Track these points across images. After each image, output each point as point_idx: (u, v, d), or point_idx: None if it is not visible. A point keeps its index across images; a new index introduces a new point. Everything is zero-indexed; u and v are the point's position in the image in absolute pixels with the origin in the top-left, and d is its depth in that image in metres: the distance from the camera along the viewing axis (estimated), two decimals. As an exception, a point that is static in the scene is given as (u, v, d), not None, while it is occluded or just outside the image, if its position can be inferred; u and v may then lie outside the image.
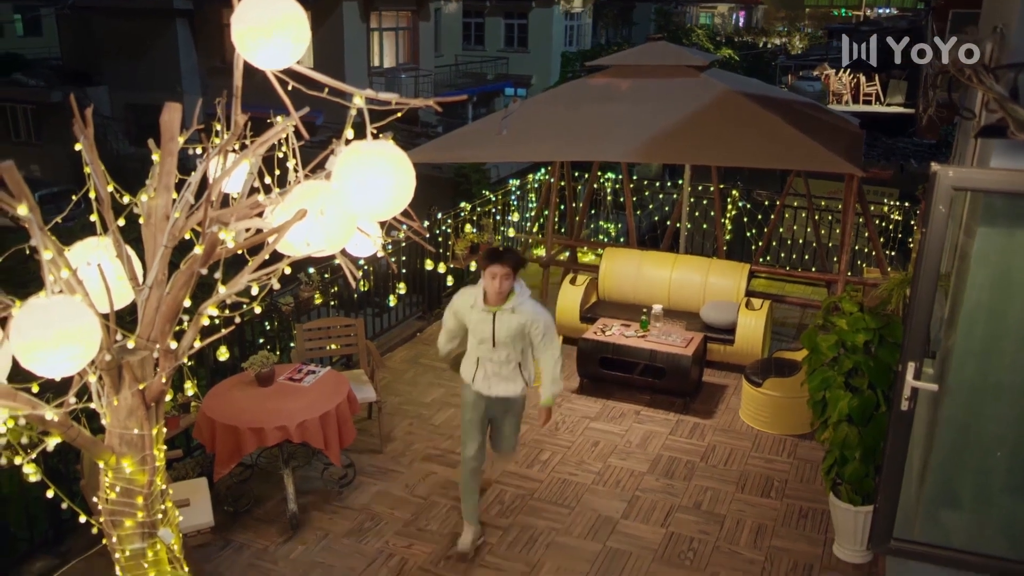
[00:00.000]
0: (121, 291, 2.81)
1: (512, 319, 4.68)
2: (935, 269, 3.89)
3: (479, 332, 4.77)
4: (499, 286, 4.60)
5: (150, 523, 3.13)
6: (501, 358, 4.79)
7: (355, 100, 2.46)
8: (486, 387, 4.86)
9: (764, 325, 7.42)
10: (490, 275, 4.61)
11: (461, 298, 4.84)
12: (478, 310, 4.73)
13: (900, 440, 4.22)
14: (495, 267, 4.59)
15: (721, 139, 6.66)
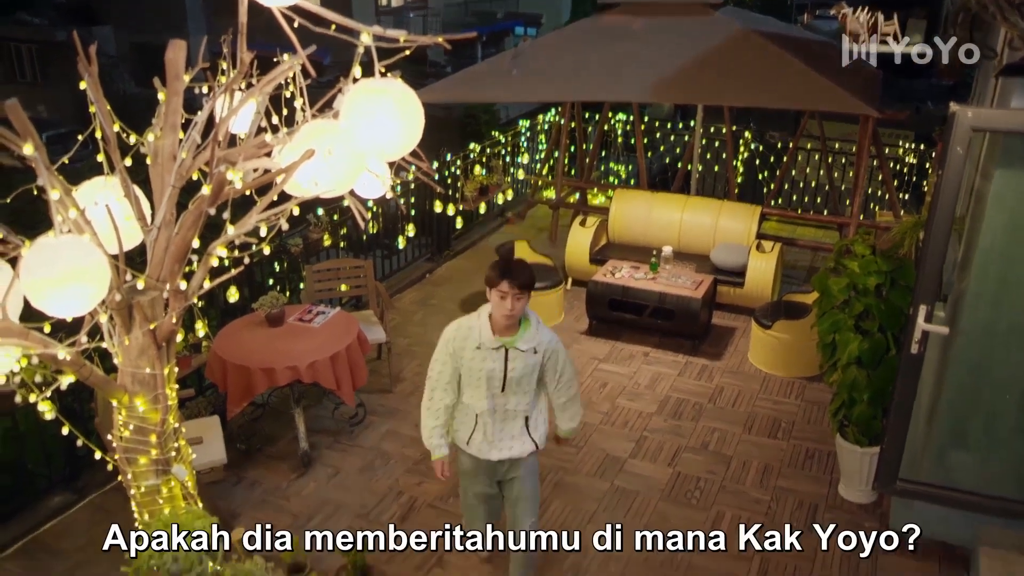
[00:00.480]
0: (130, 232, 2.81)
1: (530, 357, 3.69)
2: (950, 211, 3.85)
3: (483, 376, 3.67)
4: (511, 308, 3.50)
5: (164, 460, 3.18)
6: (510, 408, 3.75)
7: (363, 38, 2.41)
8: (487, 449, 3.84)
9: (774, 268, 7.38)
10: (499, 294, 3.48)
11: (456, 332, 3.69)
12: (486, 347, 3.62)
13: (909, 383, 4.23)
14: (506, 284, 3.45)
15: (735, 79, 6.54)
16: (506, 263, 3.52)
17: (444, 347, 3.72)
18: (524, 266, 3.56)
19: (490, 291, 3.51)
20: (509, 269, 3.47)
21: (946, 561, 4.55)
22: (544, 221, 9.89)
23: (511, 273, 3.45)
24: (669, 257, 7.25)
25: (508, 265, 3.50)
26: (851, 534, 4.75)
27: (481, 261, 8.76)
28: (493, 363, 3.64)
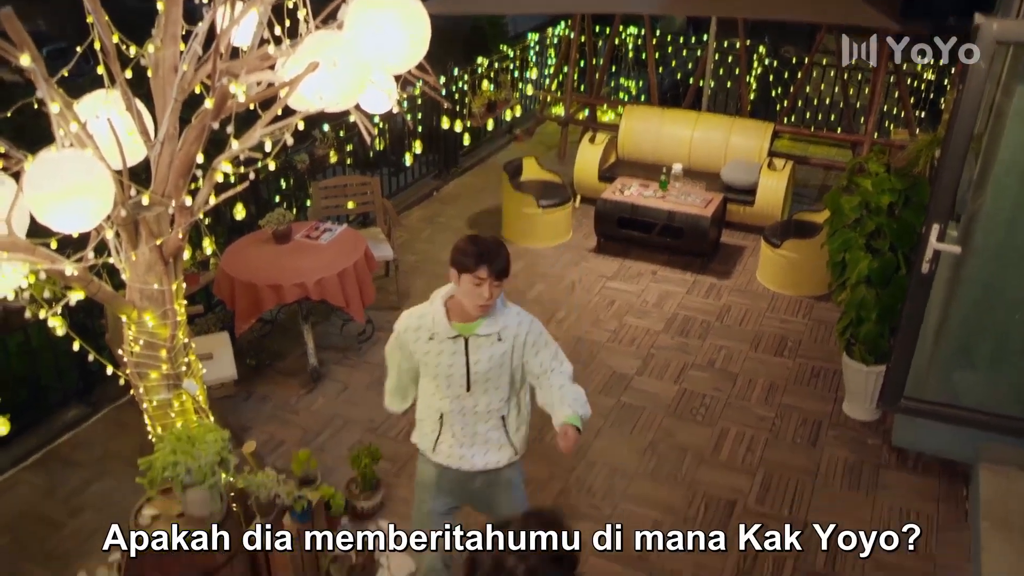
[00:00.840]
0: (132, 146, 2.77)
1: (495, 346, 3.10)
2: (969, 128, 3.77)
3: (442, 371, 3.12)
4: (488, 297, 2.97)
5: (174, 375, 3.21)
6: (479, 409, 3.17)
7: (366, -58, 2.32)
8: (456, 458, 3.26)
9: (785, 186, 7.30)
10: (474, 281, 2.92)
11: (405, 322, 3.16)
12: (440, 338, 3.07)
13: (918, 302, 4.22)
14: (484, 270, 2.91)
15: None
16: (483, 246, 2.94)
17: (394, 340, 3.23)
18: (502, 249, 2.99)
19: (460, 276, 2.94)
20: (488, 253, 2.92)
21: (946, 476, 4.62)
22: (553, 138, 9.76)
23: (490, 258, 2.91)
24: (679, 175, 7.17)
25: (487, 249, 2.93)
26: (854, 451, 4.84)
27: (489, 178, 8.69)
28: (452, 356, 3.07)
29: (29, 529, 4.27)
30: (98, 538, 4.21)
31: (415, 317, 3.13)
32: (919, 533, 4.26)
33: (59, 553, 4.13)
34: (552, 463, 4.71)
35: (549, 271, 6.88)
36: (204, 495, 3.15)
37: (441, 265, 6.99)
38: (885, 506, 4.44)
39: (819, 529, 4.27)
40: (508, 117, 9.68)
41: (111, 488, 4.51)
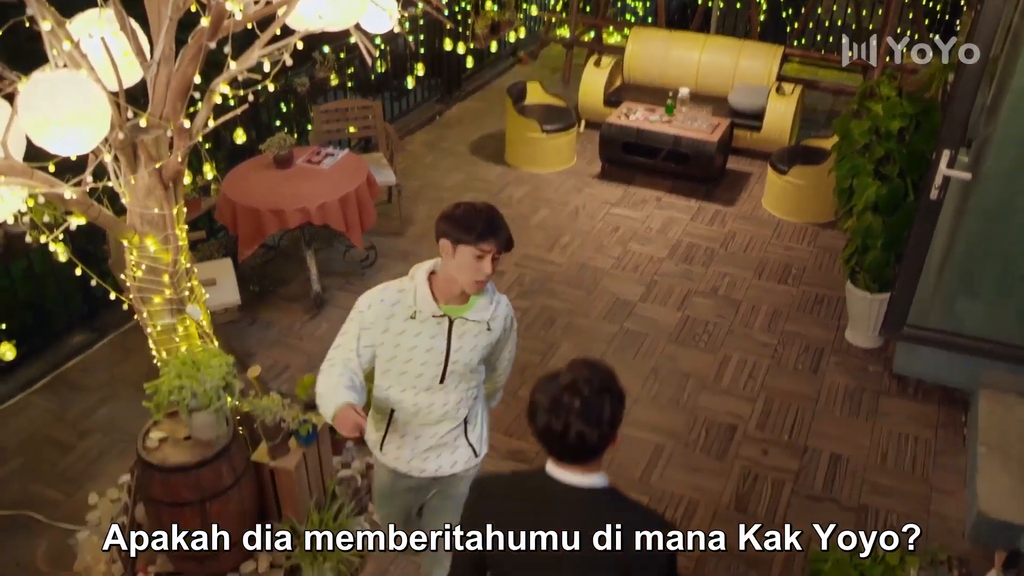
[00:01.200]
0: (128, 68, 2.71)
1: (482, 335, 2.76)
2: (986, 50, 3.67)
3: (414, 357, 2.73)
4: (489, 272, 2.60)
5: (177, 300, 3.22)
6: (448, 405, 2.82)
7: None
8: (406, 460, 2.91)
9: (794, 111, 7.18)
10: (475, 254, 2.55)
11: (379, 295, 2.75)
12: (423, 316, 2.68)
13: (926, 229, 4.19)
14: (491, 242, 2.55)
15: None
16: (488, 214, 2.57)
17: (357, 318, 2.76)
18: (503, 220, 2.62)
19: (456, 248, 2.55)
20: (494, 222, 2.56)
21: (945, 403, 4.66)
22: (557, 61, 9.57)
23: (496, 228, 2.55)
24: (685, 99, 7.04)
25: (492, 217, 2.57)
26: (855, 377, 4.87)
27: (492, 102, 8.55)
28: (432, 339, 2.69)
29: (40, 452, 4.34)
30: (107, 460, 4.28)
31: (392, 291, 2.71)
32: (916, 458, 4.32)
33: (70, 475, 4.20)
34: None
35: (553, 197, 6.83)
36: (210, 419, 3.19)
37: (444, 190, 6.96)
38: (884, 432, 4.49)
39: (818, 454, 4.34)
40: (512, 39, 9.45)
41: (119, 412, 4.57)
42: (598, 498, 1.98)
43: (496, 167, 7.27)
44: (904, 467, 4.27)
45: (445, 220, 2.58)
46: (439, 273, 2.68)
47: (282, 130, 6.26)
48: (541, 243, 6.19)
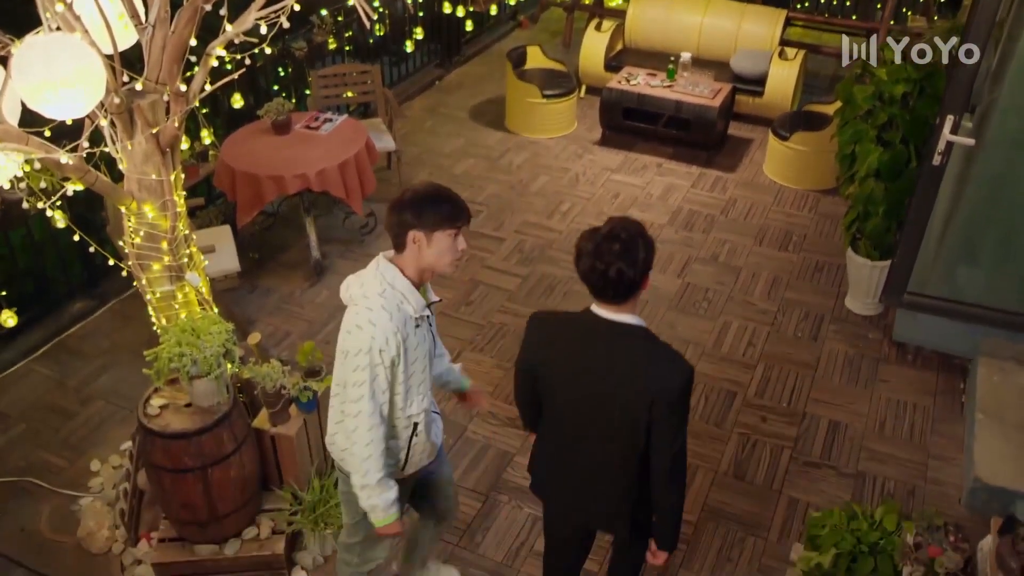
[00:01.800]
0: (122, 31, 2.67)
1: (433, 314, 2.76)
2: (992, 13, 3.62)
3: (424, 356, 2.65)
4: (465, 246, 2.57)
5: (176, 267, 3.21)
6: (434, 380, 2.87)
7: None
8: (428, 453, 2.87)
9: (796, 76, 7.11)
10: (451, 236, 2.50)
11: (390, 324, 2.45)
12: (420, 314, 2.56)
13: (928, 195, 4.17)
14: (462, 219, 2.51)
15: None
16: (450, 194, 2.52)
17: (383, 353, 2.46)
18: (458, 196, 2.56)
19: (431, 236, 2.46)
20: (456, 200, 2.51)
21: (944, 370, 4.67)
22: (558, 24, 9.46)
23: (460, 203, 2.51)
24: (687, 64, 6.97)
25: (451, 196, 2.51)
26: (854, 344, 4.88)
27: (492, 67, 8.47)
28: (426, 331, 2.66)
29: (42, 418, 4.36)
30: (109, 426, 4.30)
31: (394, 311, 2.47)
32: (915, 425, 4.34)
33: (72, 441, 4.22)
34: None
35: (553, 163, 6.78)
36: (210, 386, 3.19)
37: (444, 156, 6.91)
38: (883, 399, 4.50)
39: (816, 420, 4.36)
40: (512, 2, 9.37)
41: (120, 378, 4.58)
42: (634, 332, 2.41)
43: (496, 133, 7.22)
44: (902, 434, 4.29)
45: (411, 213, 2.46)
46: (407, 268, 2.53)
47: (280, 95, 6.21)
48: (541, 210, 6.16)
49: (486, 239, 5.81)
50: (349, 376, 2.49)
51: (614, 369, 2.39)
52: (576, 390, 2.48)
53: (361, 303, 2.48)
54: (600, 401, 2.44)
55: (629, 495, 2.57)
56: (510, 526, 3.80)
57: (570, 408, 2.53)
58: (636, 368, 2.38)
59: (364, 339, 2.43)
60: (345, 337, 2.50)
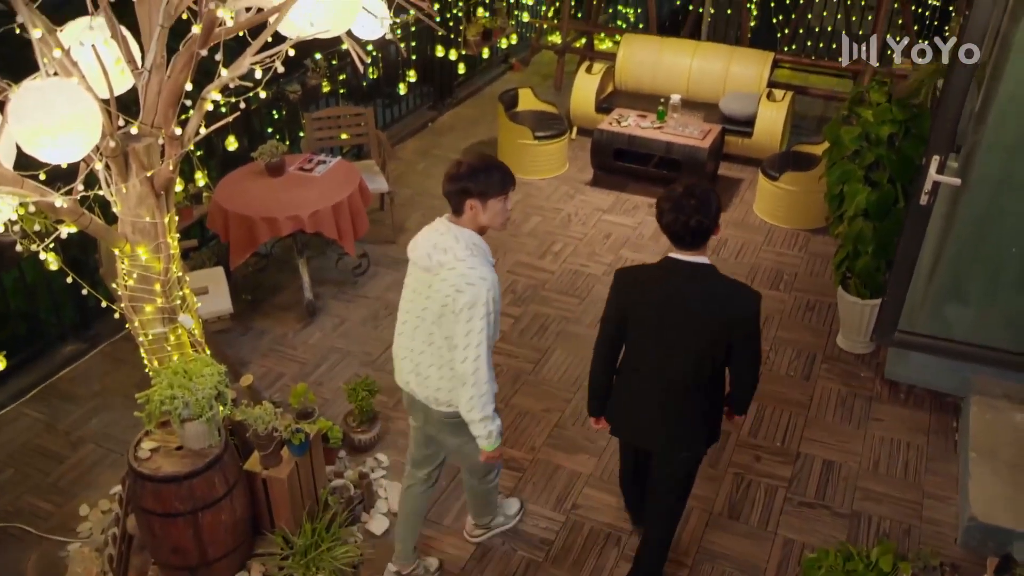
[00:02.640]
0: (119, 75, 2.70)
1: None
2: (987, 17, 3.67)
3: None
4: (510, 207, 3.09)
5: (169, 309, 3.20)
6: None
7: None
8: None
9: (785, 117, 7.21)
10: (503, 200, 2.99)
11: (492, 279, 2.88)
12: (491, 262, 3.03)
13: (915, 234, 4.21)
14: (510, 188, 3.01)
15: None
16: (502, 168, 2.99)
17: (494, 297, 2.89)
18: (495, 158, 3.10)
19: (486, 202, 2.91)
20: (504, 170, 2.99)
21: (936, 408, 4.67)
22: (549, 67, 9.59)
23: (507, 173, 3.00)
24: (677, 105, 7.07)
25: (500, 167, 2.99)
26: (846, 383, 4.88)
27: (484, 109, 8.56)
28: None
29: (31, 462, 4.31)
30: (99, 470, 4.26)
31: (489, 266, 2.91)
32: (909, 464, 4.33)
33: (61, 486, 4.18)
34: (548, 396, 4.75)
35: (545, 204, 6.83)
36: (202, 428, 3.17)
37: (436, 198, 6.94)
38: (876, 438, 4.50)
39: (811, 460, 4.34)
40: (504, 45, 9.47)
41: (110, 422, 4.55)
42: (709, 270, 2.97)
43: (488, 174, 7.26)
44: (896, 473, 4.28)
45: (467, 183, 2.89)
46: (471, 227, 2.96)
47: (274, 137, 6.26)
48: (533, 250, 6.19)
49: (479, 279, 5.82)
50: (462, 327, 2.87)
51: (696, 301, 2.93)
52: (664, 322, 2.99)
53: (459, 265, 2.86)
54: (685, 329, 2.96)
55: (701, 411, 3.16)
56: (504, 568, 3.76)
57: (657, 340, 3.03)
58: (715, 299, 2.93)
59: (480, 293, 2.83)
60: (457, 297, 2.85)
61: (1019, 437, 4.18)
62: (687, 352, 2.99)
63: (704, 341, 2.97)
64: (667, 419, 3.16)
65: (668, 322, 2.99)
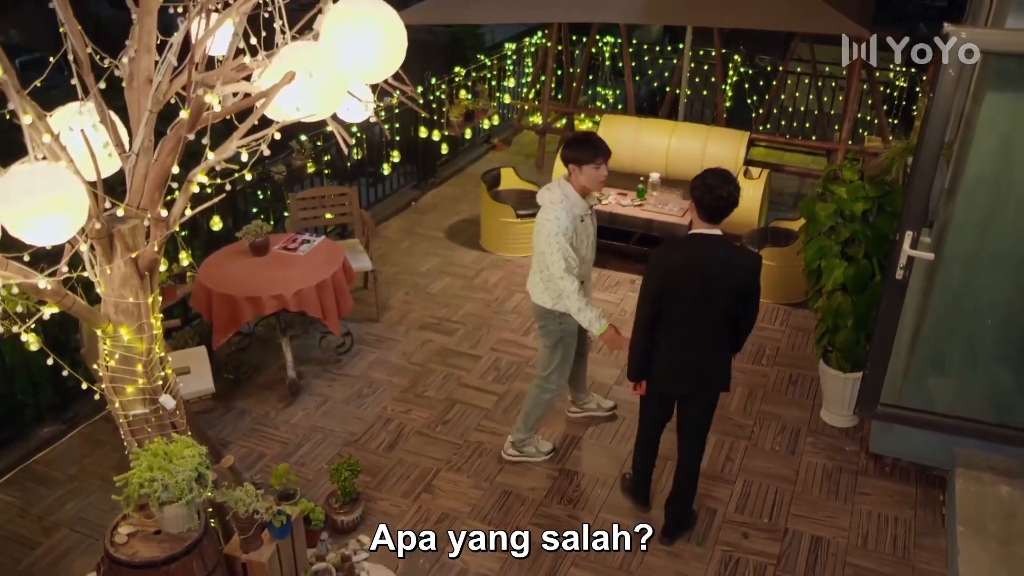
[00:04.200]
0: (107, 159, 2.74)
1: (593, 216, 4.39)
2: (940, 136, 3.82)
3: (589, 240, 4.34)
4: (606, 174, 4.22)
5: (151, 389, 3.18)
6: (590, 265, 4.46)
7: (342, -47, 2.32)
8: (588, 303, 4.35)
9: (762, 194, 7.36)
10: (595, 167, 4.14)
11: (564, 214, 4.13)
12: (585, 214, 4.24)
13: (893, 308, 4.26)
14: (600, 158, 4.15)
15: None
16: (594, 142, 4.16)
17: (565, 233, 4.12)
18: (599, 137, 4.24)
19: (582, 167, 4.13)
20: (599, 145, 4.14)
21: (923, 482, 4.66)
22: (531, 147, 9.78)
23: (601, 147, 4.14)
24: (656, 183, 7.21)
25: (597, 142, 4.15)
26: (832, 457, 4.87)
27: (467, 188, 8.70)
28: (591, 226, 4.32)
29: (2, 549, 4.20)
30: (74, 556, 4.15)
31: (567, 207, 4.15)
32: (897, 539, 4.30)
33: (35, 573, 4.06)
34: (533, 474, 4.71)
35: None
36: (181, 512, 3.11)
37: (420, 276, 7.00)
38: (863, 512, 4.47)
39: (799, 536, 4.30)
40: (486, 126, 9.70)
41: (87, 506, 4.45)
42: (725, 239, 3.75)
43: (472, 252, 7.34)
44: (885, 548, 4.24)
45: (568, 150, 4.21)
46: (574, 185, 4.20)
47: (259, 217, 6.32)
48: (517, 327, 6.21)
49: (463, 357, 5.82)
50: (547, 248, 4.16)
51: (721, 264, 3.72)
52: (699, 286, 3.72)
53: (549, 208, 4.18)
54: (714, 289, 3.73)
55: (726, 355, 3.95)
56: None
57: (691, 302, 3.76)
58: (733, 261, 3.73)
59: (553, 225, 4.12)
60: (540, 229, 4.22)
61: (1006, 510, 4.16)
62: (717, 307, 3.75)
63: (729, 297, 3.73)
64: (707, 365, 3.92)
65: (702, 286, 3.72)
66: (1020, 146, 3.89)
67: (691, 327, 3.82)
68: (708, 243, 3.72)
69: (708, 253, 3.73)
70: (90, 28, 2.73)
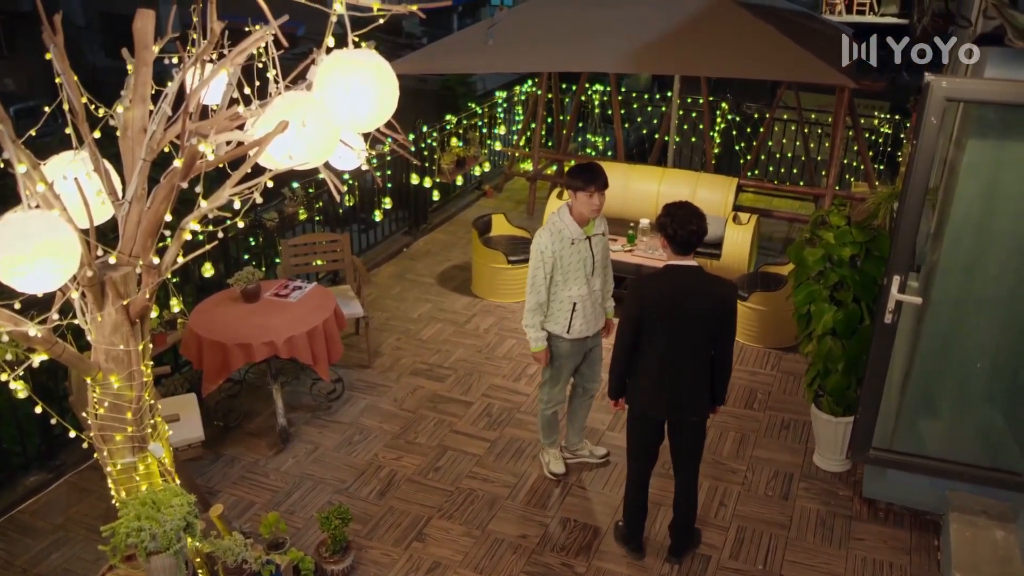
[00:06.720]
0: (100, 207, 2.76)
1: (603, 239, 4.60)
2: (924, 182, 3.88)
3: (580, 264, 4.49)
4: (600, 204, 4.38)
5: (140, 437, 3.16)
6: (595, 290, 4.62)
7: (335, 7, 2.37)
8: (587, 328, 4.64)
9: (751, 240, 7.41)
10: (588, 195, 4.32)
11: (550, 237, 4.42)
12: (577, 240, 4.43)
13: (882, 352, 4.28)
14: (592, 186, 4.31)
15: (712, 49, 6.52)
16: (591, 171, 4.32)
17: (543, 252, 4.43)
18: (599, 167, 4.37)
19: (576, 194, 4.34)
20: (594, 174, 4.31)
21: (917, 527, 4.63)
22: (521, 193, 9.86)
23: (595, 178, 4.31)
24: (646, 229, 7.26)
25: (592, 171, 4.32)
26: (825, 502, 4.84)
27: (458, 234, 8.74)
28: (587, 251, 4.49)
29: (-15, 601, 4.13)
30: (57, 608, 4.08)
31: (556, 232, 4.41)
32: (893, 584, 4.26)
33: (16, 625, 3.99)
34: (524, 521, 4.67)
35: (518, 327, 6.87)
36: (169, 562, 3.07)
37: (411, 322, 7.00)
38: (858, 558, 4.43)
39: (794, 582, 4.26)
40: (477, 173, 9.79)
41: (72, 556, 4.38)
42: (699, 270, 3.93)
43: (463, 298, 7.36)
44: (881, 594, 4.20)
45: (567, 176, 4.46)
46: (573, 210, 4.42)
47: (250, 264, 6.33)
48: (508, 373, 6.20)
49: (454, 403, 5.80)
50: (530, 263, 4.51)
51: (696, 294, 3.89)
52: (673, 315, 3.90)
53: (541, 228, 4.50)
54: (690, 317, 3.89)
55: (706, 383, 4.03)
56: None
57: (669, 329, 3.92)
58: (709, 291, 3.89)
59: (535, 245, 4.46)
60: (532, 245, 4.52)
61: (1000, 555, 4.14)
62: (696, 336, 3.92)
63: (707, 326, 3.89)
64: (685, 390, 4.02)
65: (680, 314, 3.89)
66: (1003, 191, 3.96)
67: (669, 353, 3.96)
68: (685, 274, 3.92)
69: (685, 283, 3.91)
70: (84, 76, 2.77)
